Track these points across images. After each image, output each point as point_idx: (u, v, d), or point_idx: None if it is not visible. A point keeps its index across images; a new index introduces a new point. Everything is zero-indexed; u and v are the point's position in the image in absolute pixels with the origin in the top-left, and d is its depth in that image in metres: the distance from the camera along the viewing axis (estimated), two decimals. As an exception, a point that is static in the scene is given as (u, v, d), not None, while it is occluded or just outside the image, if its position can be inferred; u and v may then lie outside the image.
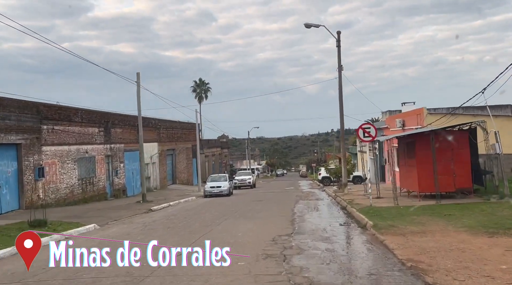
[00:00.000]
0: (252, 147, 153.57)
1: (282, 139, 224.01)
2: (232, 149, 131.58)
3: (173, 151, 44.11)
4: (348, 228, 13.12)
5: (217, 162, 64.44)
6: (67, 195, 23.94)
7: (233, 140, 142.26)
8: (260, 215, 17.25)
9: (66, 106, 24.39)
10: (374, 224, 12.25)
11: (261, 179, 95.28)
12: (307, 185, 48.60)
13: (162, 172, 39.71)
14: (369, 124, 16.35)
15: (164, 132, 41.13)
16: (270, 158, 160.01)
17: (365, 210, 15.63)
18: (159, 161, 38.89)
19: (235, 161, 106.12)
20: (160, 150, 39.36)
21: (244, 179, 44.40)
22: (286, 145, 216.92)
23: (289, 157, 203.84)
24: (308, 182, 63.57)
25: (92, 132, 27.14)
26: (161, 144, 39.82)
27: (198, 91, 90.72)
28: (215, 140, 65.13)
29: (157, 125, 39.35)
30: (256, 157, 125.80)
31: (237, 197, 30.61)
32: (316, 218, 15.67)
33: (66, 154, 24.01)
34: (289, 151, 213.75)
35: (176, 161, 44.49)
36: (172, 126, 43.87)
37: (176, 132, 45.11)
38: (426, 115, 25.42)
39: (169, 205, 24.14)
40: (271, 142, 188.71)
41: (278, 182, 64.38)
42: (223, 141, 74.37)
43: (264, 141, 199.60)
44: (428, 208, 15.27)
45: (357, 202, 18.77)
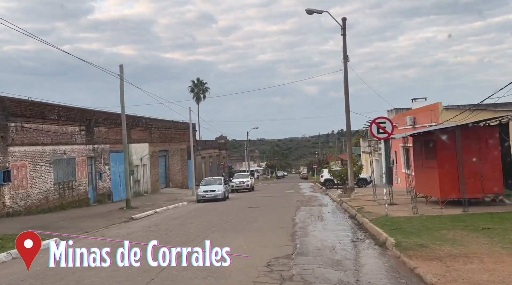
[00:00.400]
0: (252, 148, 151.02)
1: (282, 141, 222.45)
2: (232, 151, 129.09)
3: (166, 152, 41.54)
4: (363, 246, 10.51)
5: (214, 164, 61.88)
6: (40, 201, 21.34)
7: (233, 141, 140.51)
8: (255, 226, 14.64)
9: (39, 102, 21.78)
10: (396, 242, 9.66)
11: (261, 181, 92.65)
12: (309, 188, 46.03)
13: (154, 175, 37.12)
14: (384, 118, 13.75)
15: (156, 132, 38.57)
16: (270, 159, 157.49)
17: (381, 221, 13.02)
18: (150, 163, 36.32)
19: (235, 163, 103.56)
20: (152, 151, 36.79)
21: (241, 182, 41.85)
22: (286, 147, 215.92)
23: (290, 158, 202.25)
24: (309, 184, 61.01)
25: (72, 131, 24.55)
26: (153, 145, 37.25)
27: (196, 91, 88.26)
28: (212, 141, 62.57)
29: (148, 125, 36.79)
30: (256, 159, 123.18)
31: (233, 202, 28.02)
32: (322, 231, 13.07)
33: (39, 156, 21.42)
34: (289, 152, 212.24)
35: (170, 163, 41.93)
36: (165, 126, 41.31)
37: (170, 132, 42.55)
38: (442, 111, 22.84)
39: (155, 212, 21.56)
40: (271, 143, 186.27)
41: (278, 185, 61.80)
42: (221, 142, 71.79)
43: (264, 143, 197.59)
44: (457, 219, 12.67)
45: (368, 210, 16.17)
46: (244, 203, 26.08)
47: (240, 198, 31.38)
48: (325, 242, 11.07)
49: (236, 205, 24.39)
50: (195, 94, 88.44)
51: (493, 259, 7.90)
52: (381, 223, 12.52)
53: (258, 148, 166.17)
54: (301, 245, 10.71)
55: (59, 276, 8.32)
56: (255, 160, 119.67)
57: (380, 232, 11.21)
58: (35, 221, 17.66)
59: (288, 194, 34.00)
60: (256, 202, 26.13)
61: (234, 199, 30.34)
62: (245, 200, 29.21)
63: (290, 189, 44.11)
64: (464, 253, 8.40)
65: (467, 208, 14.11)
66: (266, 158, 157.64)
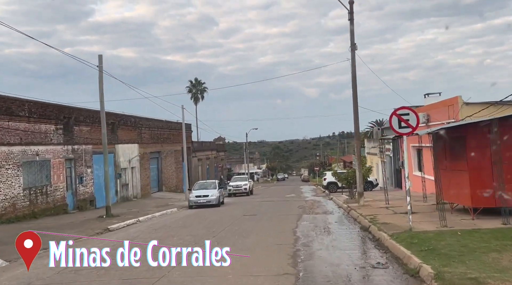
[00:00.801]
0: (252, 150, 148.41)
1: (283, 143, 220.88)
2: (232, 153, 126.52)
3: (159, 154, 38.94)
4: (388, 277, 7.85)
5: (212, 166, 59.28)
6: (6, 209, 18.72)
7: (234, 143, 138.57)
8: (248, 242, 12.01)
9: (4, 96, 19.14)
10: (436, 273, 7.01)
11: (261, 184, 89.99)
12: (310, 192, 43.42)
13: (144, 178, 34.53)
14: (407, 109, 11.10)
15: (147, 132, 35.98)
16: (270, 161, 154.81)
17: (404, 237, 10.36)
18: (140, 165, 33.73)
19: (234, 165, 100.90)
20: (142, 152, 34.20)
21: (239, 185, 39.24)
22: (287, 149, 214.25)
23: (290, 160, 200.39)
24: (311, 187, 58.36)
25: (47, 130, 21.95)
26: (143, 146, 34.67)
27: (194, 91, 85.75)
28: (209, 142, 59.99)
29: (137, 124, 34.21)
30: (256, 161, 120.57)
31: (227, 208, 25.41)
32: (330, 250, 10.44)
33: (4, 157, 18.83)
34: (290, 154, 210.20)
35: (163, 166, 39.33)
36: (157, 126, 38.72)
37: (163, 133, 39.96)
38: (462, 106, 20.19)
39: (137, 221, 18.95)
40: (272, 145, 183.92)
41: (278, 188, 59.19)
42: (219, 144, 69.21)
43: (265, 145, 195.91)
44: (501, 234, 10.05)
45: (384, 221, 13.53)
46: (239, 209, 23.46)
47: (236, 204, 28.78)
48: (336, 268, 8.43)
49: (230, 213, 21.77)
50: (192, 95, 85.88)
51: None
52: (406, 241, 9.87)
53: (258, 150, 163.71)
54: (305, 273, 8.09)
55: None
56: (255, 162, 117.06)
57: (408, 255, 8.57)
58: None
59: (288, 199, 31.39)
60: (253, 209, 23.53)
61: (230, 205, 27.74)
62: (242, 206, 26.60)
63: (291, 192, 41.50)
64: (545, 295, 5.79)
65: (508, 219, 11.50)
66: (267, 160, 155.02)
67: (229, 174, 72.47)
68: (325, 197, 31.95)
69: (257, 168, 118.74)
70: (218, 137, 71.57)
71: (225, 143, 70.56)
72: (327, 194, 34.51)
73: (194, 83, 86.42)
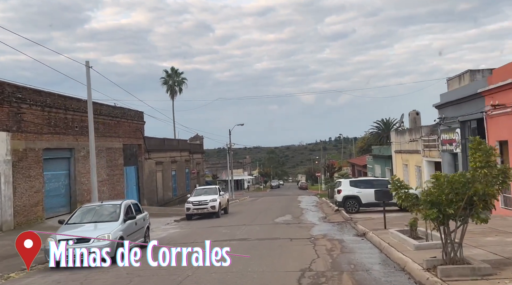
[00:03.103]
0: (243, 155, 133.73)
1: (279, 148, 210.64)
2: (221, 157, 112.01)
3: (71, 152, 24.22)
4: None
5: (181, 172, 44.59)
6: None
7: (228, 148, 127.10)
8: None
9: None
10: None
11: (251, 193, 75.15)
12: (314, 209, 28.99)
13: (27, 194, 19.78)
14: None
15: (39, 115, 21.25)
16: (264, 167, 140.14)
17: None
18: (14, 171, 19.00)
19: (220, 171, 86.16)
20: (21, 148, 19.51)
21: (202, 202, 24.72)
22: (283, 154, 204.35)
23: (286, 166, 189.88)
24: (312, 199, 43.79)
25: None
26: (26, 136, 19.96)
27: (170, 83, 71.28)
28: (177, 140, 45.16)
29: (14, 98, 19.48)
30: (247, 166, 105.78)
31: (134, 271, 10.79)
32: None
33: None
34: (286, 160, 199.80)
35: (77, 171, 24.55)
36: (66, 106, 23.94)
37: (80, 119, 25.17)
38: None
39: None
40: (267, 151, 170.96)
41: (269, 200, 44.50)
42: (195, 144, 54.59)
43: (260, 150, 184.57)
44: None
45: None
46: None
47: (176, 240, 14.14)
48: None
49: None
50: (169, 87, 71.49)
51: None
52: None
53: (254, 156, 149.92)
54: None
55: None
56: (245, 167, 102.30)
57: None
58: None
59: (278, 233, 16.74)
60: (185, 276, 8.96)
61: (163, 243, 13.03)
62: (183, 245, 11.90)
63: (285, 211, 27.07)
64: None
65: None
66: (260, 165, 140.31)
67: (208, 182, 58.04)
68: (344, 226, 17.47)
69: (248, 174, 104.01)
70: (195, 135, 56.97)
71: (202, 142, 55.73)
72: (346, 220, 19.89)
73: (170, 73, 71.87)
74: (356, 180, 23.45)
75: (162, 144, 39.53)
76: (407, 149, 27.74)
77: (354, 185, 23.17)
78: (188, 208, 24.80)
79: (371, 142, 75.91)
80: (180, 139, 45.42)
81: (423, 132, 24.37)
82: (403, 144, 28.76)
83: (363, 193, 22.60)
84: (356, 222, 17.96)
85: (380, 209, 22.65)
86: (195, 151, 51.78)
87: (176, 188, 41.84)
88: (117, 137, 29.15)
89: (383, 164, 36.07)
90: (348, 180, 23.42)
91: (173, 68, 73.58)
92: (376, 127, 76.82)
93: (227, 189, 47.16)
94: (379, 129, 74.45)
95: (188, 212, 24.78)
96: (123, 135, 30.14)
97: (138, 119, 33.05)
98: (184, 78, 73.27)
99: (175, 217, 25.37)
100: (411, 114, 28.24)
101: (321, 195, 50.47)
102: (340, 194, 23.28)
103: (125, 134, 30.45)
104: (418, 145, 25.18)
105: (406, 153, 28.14)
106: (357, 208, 22.61)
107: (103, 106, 27.59)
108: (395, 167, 31.42)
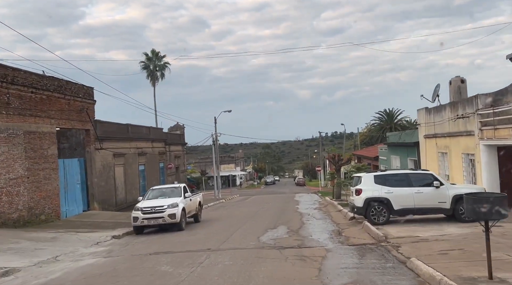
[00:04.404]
0: (235, 148, 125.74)
1: (275, 144, 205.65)
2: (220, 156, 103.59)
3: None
4: None
5: (154, 167, 36.62)
6: None
7: (225, 145, 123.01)
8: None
9: None
10: None
11: (242, 191, 67.15)
12: (316, 211, 21.43)
13: None
14: None
15: None
16: (258, 162, 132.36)
17: None
18: None
19: (210, 167, 78.04)
20: None
21: (156, 209, 16.89)
22: (279, 150, 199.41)
23: (283, 162, 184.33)
24: (312, 198, 36.15)
25: None
26: None
27: (151, 67, 63.16)
28: (149, 128, 37.02)
29: None
30: (239, 161, 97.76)
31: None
32: None
33: None
34: (282, 155, 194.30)
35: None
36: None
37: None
38: None
39: None
40: (263, 146, 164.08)
41: (260, 199, 36.66)
42: (174, 134, 46.60)
43: (256, 146, 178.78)
44: None
45: None
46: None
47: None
48: None
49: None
50: (149, 73, 63.39)
51: None
52: None
53: (250, 153, 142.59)
54: None
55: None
56: (238, 162, 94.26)
57: None
58: None
59: (263, 261, 8.82)
60: None
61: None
62: None
63: (279, 216, 19.34)
64: None
65: None
66: (254, 160, 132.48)
67: (192, 181, 50.39)
68: (382, 256, 9.56)
69: (241, 170, 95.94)
70: (175, 125, 48.93)
71: (183, 132, 47.57)
72: (377, 240, 11.91)
73: (151, 57, 63.71)
74: (383, 174, 15.57)
75: (124, 132, 31.49)
76: (448, 131, 19.85)
77: (381, 181, 15.32)
78: (135, 218, 16.92)
79: (373, 134, 68.72)
80: (151, 126, 37.32)
81: (479, 102, 16.48)
82: (439, 124, 20.85)
83: (395, 194, 14.83)
84: (399, 247, 10.25)
85: (421, 218, 14.92)
86: (173, 142, 43.76)
87: (146, 187, 33.80)
88: (48, 118, 21.16)
89: (404, 154, 28.24)
90: (372, 175, 15.48)
91: (153, 50, 65.37)
92: (378, 118, 69.90)
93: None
94: (382, 121, 68.15)
95: (136, 224, 16.92)
96: (59, 116, 22.15)
97: (85, 97, 25.02)
98: (166, 62, 65.19)
99: (119, 230, 17.46)
100: (453, 83, 20.26)
101: (323, 193, 42.61)
102: (360, 195, 15.38)
103: (62, 114, 22.46)
104: (470, 123, 17.32)
105: (445, 137, 20.25)
106: (386, 217, 14.80)
107: (21, 72, 19.53)
108: (425, 157, 23.58)
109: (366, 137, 72.18)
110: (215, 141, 46.79)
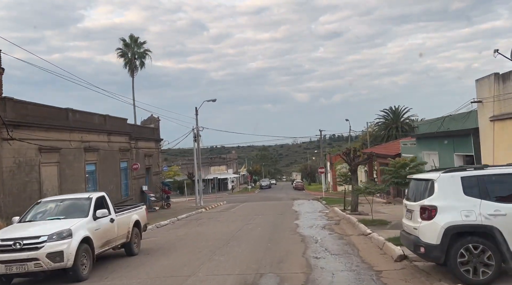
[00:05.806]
0: (229, 149, 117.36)
1: (272, 147, 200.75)
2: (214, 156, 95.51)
3: None
4: None
5: (112, 168, 28.28)
6: None
7: (221, 148, 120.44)
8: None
9: None
10: None
11: (233, 196, 58.66)
12: (327, 233, 13.10)
13: None
14: None
15: None
16: (253, 164, 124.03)
17: None
18: None
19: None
20: None
21: (24, 244, 8.47)
22: (277, 153, 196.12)
23: (280, 164, 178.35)
24: (314, 206, 28.21)
25: None
26: None
27: (129, 55, 54.85)
28: (104, 116, 28.53)
29: None
30: (232, 163, 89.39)
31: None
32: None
33: None
34: (280, 158, 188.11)
35: None
36: None
37: None
38: None
39: None
40: (259, 149, 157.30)
41: (249, 209, 28.24)
42: (145, 127, 38.40)
43: (254, 149, 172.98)
44: None
45: None
46: None
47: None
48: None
49: None
50: (127, 61, 55.03)
51: None
52: None
53: (247, 156, 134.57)
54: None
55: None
56: (230, 164, 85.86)
57: None
58: None
59: None
60: None
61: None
62: None
63: (269, 243, 11.05)
64: None
65: None
66: (249, 162, 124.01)
67: (165, 183, 42.34)
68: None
69: (234, 172, 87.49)
70: (149, 117, 40.73)
71: (157, 126, 39.18)
72: None
73: (129, 43, 55.37)
74: (485, 174, 7.41)
75: (60, 118, 23.11)
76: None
77: (478, 191, 7.15)
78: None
79: (377, 133, 63.18)
80: (108, 115, 28.86)
81: None
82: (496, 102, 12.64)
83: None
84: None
85: None
86: (143, 137, 35.51)
87: (101, 187, 25.41)
88: None
89: (447, 148, 20.06)
90: (459, 176, 7.34)
91: (132, 36, 57.01)
92: (383, 117, 64.08)
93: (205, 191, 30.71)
94: (387, 119, 63.01)
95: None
96: None
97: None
98: (147, 49, 56.98)
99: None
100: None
101: (327, 199, 34.16)
102: (432, 220, 7.17)
103: None
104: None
105: None
106: (493, 268, 6.61)
107: None
108: (492, 150, 15.39)
109: (371, 136, 65.84)
110: (197, 136, 38.64)
